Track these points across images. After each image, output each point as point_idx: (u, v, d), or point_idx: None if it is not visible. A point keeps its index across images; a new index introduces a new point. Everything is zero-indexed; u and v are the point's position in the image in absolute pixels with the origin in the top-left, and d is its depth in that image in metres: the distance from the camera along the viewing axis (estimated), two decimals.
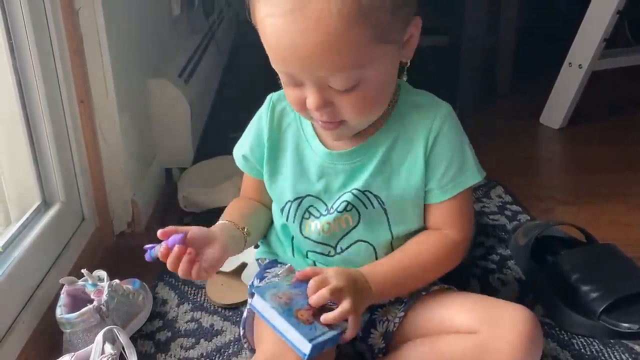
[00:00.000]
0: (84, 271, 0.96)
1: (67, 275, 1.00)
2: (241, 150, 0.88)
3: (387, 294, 0.80)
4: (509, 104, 2.11)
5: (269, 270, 0.89)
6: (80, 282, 0.96)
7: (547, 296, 1.01)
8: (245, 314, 0.85)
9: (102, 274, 0.98)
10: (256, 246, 0.96)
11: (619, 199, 1.39)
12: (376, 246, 0.82)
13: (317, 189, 0.82)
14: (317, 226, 0.82)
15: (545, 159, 1.78)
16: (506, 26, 2.10)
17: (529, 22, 2.42)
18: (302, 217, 0.83)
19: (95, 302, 0.92)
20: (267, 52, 0.70)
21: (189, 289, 1.08)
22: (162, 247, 0.72)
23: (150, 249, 0.73)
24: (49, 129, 1.04)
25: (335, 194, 0.81)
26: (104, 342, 0.82)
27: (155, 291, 1.08)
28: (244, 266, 1.05)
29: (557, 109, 1.87)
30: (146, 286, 1.05)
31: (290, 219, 0.84)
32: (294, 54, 0.67)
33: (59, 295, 0.95)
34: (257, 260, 0.96)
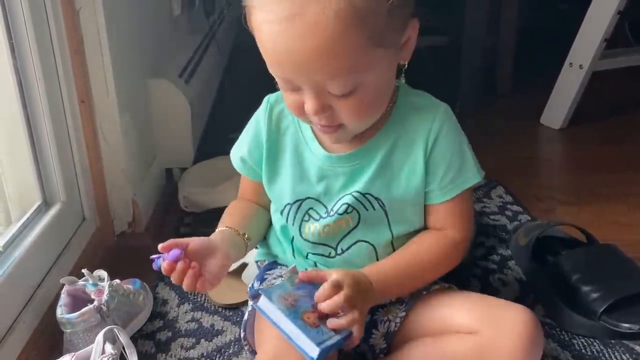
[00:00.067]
0: (84, 271, 0.96)
1: (67, 275, 1.00)
2: (239, 152, 0.88)
3: (389, 295, 0.80)
4: (510, 104, 2.11)
5: (269, 272, 0.89)
6: (80, 282, 0.96)
7: (548, 296, 1.01)
8: (246, 316, 0.85)
9: (102, 273, 0.98)
10: (256, 247, 0.96)
11: (620, 199, 1.39)
12: (377, 246, 0.82)
13: (317, 191, 0.81)
14: (317, 228, 0.82)
15: (545, 159, 1.78)
16: (506, 26, 2.10)
17: (529, 22, 2.42)
18: (302, 220, 0.83)
19: (95, 302, 0.92)
20: (264, 57, 0.70)
21: None
22: (164, 262, 0.71)
23: (156, 259, 0.72)
24: (50, 129, 1.04)
25: (335, 196, 0.81)
26: (104, 342, 0.82)
27: (155, 291, 1.08)
28: (244, 266, 1.05)
29: (557, 109, 1.87)
30: (147, 286, 1.05)
31: (289, 222, 0.84)
32: (291, 60, 0.66)
33: (60, 295, 0.94)
34: (256, 262, 0.95)
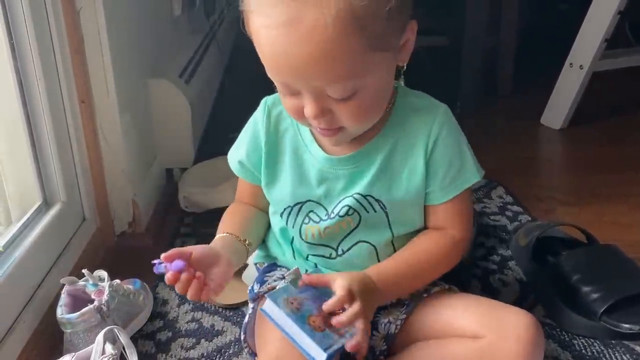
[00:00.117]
0: (84, 271, 0.96)
1: (67, 275, 1.00)
2: (237, 155, 0.87)
3: (392, 295, 0.80)
4: (510, 105, 2.11)
5: (268, 274, 0.89)
6: (81, 282, 0.96)
7: (548, 297, 1.00)
8: (246, 319, 0.85)
9: (102, 274, 0.98)
10: None
11: (620, 199, 1.39)
12: (377, 246, 0.82)
13: (318, 194, 0.81)
14: (317, 230, 0.82)
15: (546, 160, 1.78)
16: (507, 27, 2.10)
17: (529, 23, 2.42)
18: (302, 223, 0.83)
19: (96, 302, 0.92)
20: (262, 61, 0.70)
21: None
22: (168, 272, 0.70)
23: (158, 263, 0.72)
24: (50, 129, 1.04)
25: (335, 199, 0.81)
26: (104, 342, 0.82)
27: (155, 291, 1.08)
28: (244, 266, 1.05)
29: (558, 109, 1.87)
30: (147, 286, 1.05)
31: (289, 224, 0.84)
32: (289, 64, 0.66)
33: (60, 295, 0.95)
34: (255, 264, 0.95)
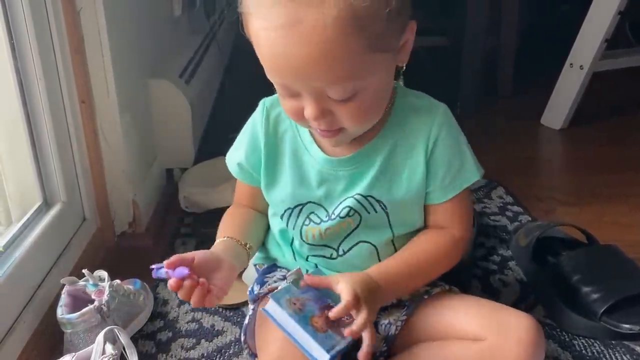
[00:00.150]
0: (85, 271, 0.96)
1: (68, 275, 1.00)
2: (235, 157, 0.86)
3: (393, 295, 0.80)
4: (510, 105, 2.11)
5: (268, 275, 0.89)
6: (81, 282, 0.96)
7: (548, 297, 1.00)
8: (247, 320, 0.85)
9: (103, 274, 0.99)
10: None
11: (621, 199, 1.39)
12: (378, 246, 0.82)
13: (318, 195, 0.81)
14: (318, 232, 0.82)
15: (546, 160, 1.78)
16: (507, 27, 2.10)
17: (530, 24, 2.42)
18: (303, 224, 0.83)
19: (96, 302, 0.92)
20: (262, 64, 0.69)
21: None
22: (171, 279, 0.69)
23: (156, 268, 0.71)
24: (50, 129, 1.04)
25: (336, 200, 0.81)
26: (104, 342, 0.82)
27: (156, 291, 1.08)
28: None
29: (558, 109, 1.87)
30: (147, 286, 1.05)
31: (290, 226, 0.84)
32: (290, 66, 0.66)
33: (60, 295, 0.95)
34: (254, 265, 0.95)
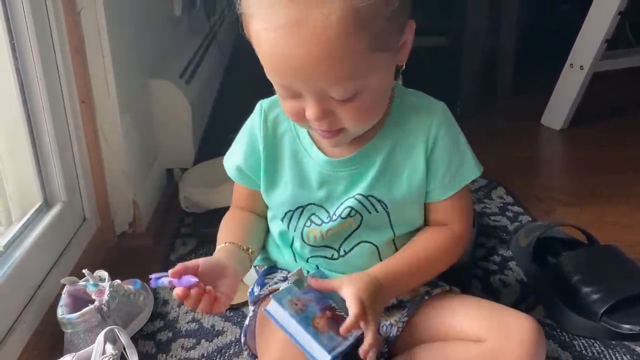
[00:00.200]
0: (85, 271, 0.96)
1: (68, 275, 1.01)
2: (234, 161, 0.86)
3: (396, 294, 0.81)
4: (510, 105, 2.11)
5: (269, 276, 0.89)
6: (81, 282, 0.96)
7: (549, 297, 1.00)
8: (247, 322, 0.85)
9: (103, 274, 0.99)
10: None
11: (621, 200, 1.39)
12: (379, 246, 0.82)
13: (319, 196, 0.81)
14: (320, 233, 0.82)
15: (546, 160, 1.78)
16: (507, 28, 2.10)
17: (530, 24, 2.42)
18: (304, 226, 0.83)
19: (96, 302, 0.92)
20: (263, 64, 0.69)
21: None
22: (177, 288, 0.69)
23: (156, 279, 0.70)
24: (51, 129, 1.04)
25: (337, 201, 0.81)
26: (105, 342, 0.82)
27: (156, 291, 1.08)
28: None
29: (558, 110, 1.87)
30: (147, 286, 1.05)
31: (291, 228, 0.84)
32: (292, 67, 0.65)
33: (60, 295, 0.95)
34: (254, 267, 0.94)
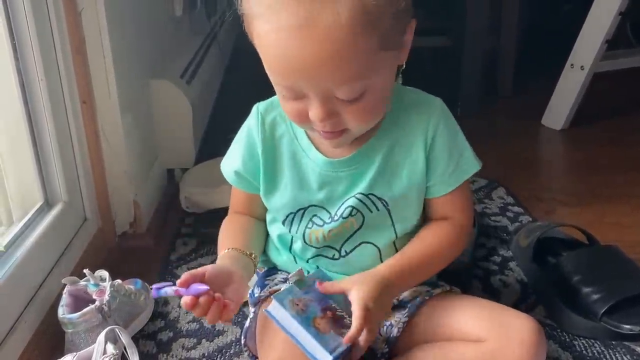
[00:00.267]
0: (86, 271, 0.96)
1: (69, 275, 1.01)
2: (232, 166, 0.85)
3: (404, 289, 0.81)
4: (511, 105, 2.11)
5: (269, 277, 0.89)
6: (82, 282, 0.96)
7: (549, 297, 1.00)
8: (247, 323, 0.84)
9: (104, 274, 0.99)
10: None
11: (622, 200, 1.39)
12: (381, 247, 0.82)
13: (320, 198, 0.81)
14: (322, 234, 0.82)
15: (546, 160, 1.78)
16: (508, 28, 2.10)
17: (531, 24, 2.42)
18: (306, 227, 0.83)
19: (97, 302, 0.92)
20: (268, 65, 0.68)
21: None
22: (187, 297, 0.69)
23: (157, 289, 0.70)
24: (52, 130, 1.04)
25: (338, 201, 0.81)
26: (105, 342, 0.82)
27: None
28: None
29: (559, 110, 1.87)
30: (148, 286, 1.05)
31: (293, 230, 0.84)
32: (299, 67, 0.65)
33: (61, 295, 0.95)
34: None
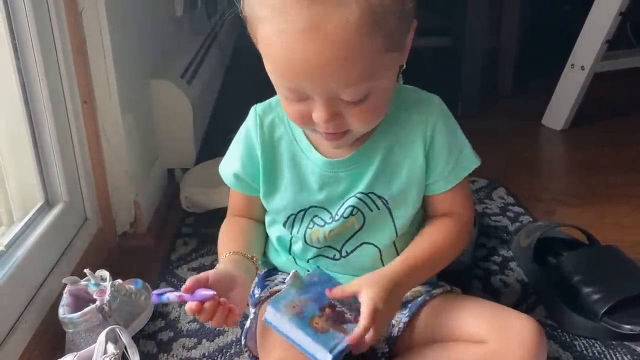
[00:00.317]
0: (86, 271, 0.96)
1: (69, 275, 1.01)
2: (231, 169, 0.85)
3: (411, 288, 0.81)
4: (511, 105, 2.11)
5: (269, 278, 0.89)
6: (82, 282, 0.96)
7: (549, 298, 1.01)
8: (247, 324, 0.84)
9: (104, 273, 0.99)
10: None
11: (622, 200, 1.40)
12: (381, 247, 0.82)
13: (320, 198, 0.81)
14: (323, 234, 0.82)
15: (547, 161, 1.78)
16: (508, 28, 2.10)
17: (532, 24, 2.42)
18: (307, 228, 0.83)
19: (97, 302, 0.92)
20: (273, 68, 0.68)
21: None
22: (192, 303, 0.68)
23: (158, 295, 0.69)
24: (52, 130, 1.04)
25: (338, 201, 0.81)
26: (106, 342, 0.82)
27: None
28: None
29: (559, 110, 1.87)
30: (148, 286, 1.05)
31: (294, 231, 0.84)
32: (305, 69, 0.64)
33: (62, 295, 0.95)
34: None
